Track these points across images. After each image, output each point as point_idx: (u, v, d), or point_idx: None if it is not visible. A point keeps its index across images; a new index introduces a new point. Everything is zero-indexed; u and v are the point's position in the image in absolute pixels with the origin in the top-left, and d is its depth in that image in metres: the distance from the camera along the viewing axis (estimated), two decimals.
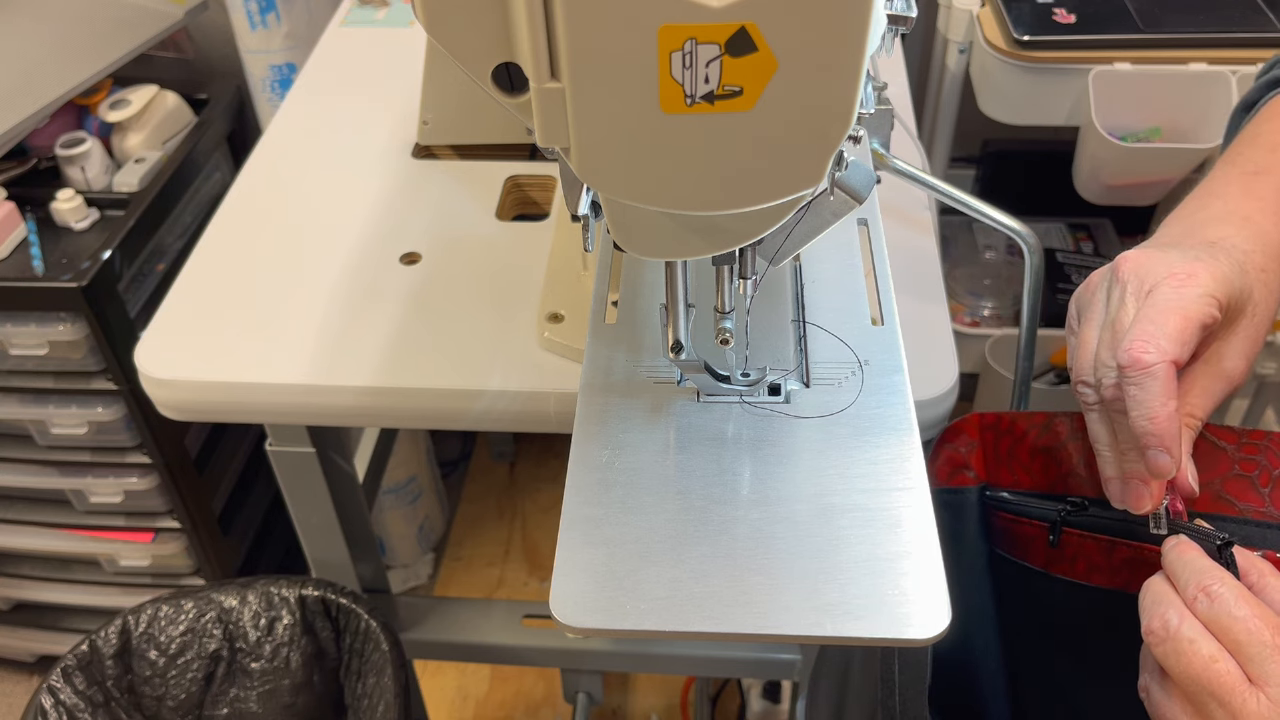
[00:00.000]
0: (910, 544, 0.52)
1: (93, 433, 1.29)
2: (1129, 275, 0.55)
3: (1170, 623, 0.48)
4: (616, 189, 0.45)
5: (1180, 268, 0.53)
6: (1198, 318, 0.52)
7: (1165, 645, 0.48)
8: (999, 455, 0.66)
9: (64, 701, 0.98)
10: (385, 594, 1.14)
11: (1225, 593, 0.48)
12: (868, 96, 0.49)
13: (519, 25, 0.41)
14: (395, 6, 1.23)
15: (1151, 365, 0.51)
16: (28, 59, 1.31)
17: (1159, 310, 0.52)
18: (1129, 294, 0.54)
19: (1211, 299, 0.52)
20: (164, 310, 0.85)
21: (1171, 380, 0.51)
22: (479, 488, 1.91)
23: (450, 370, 0.78)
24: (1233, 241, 0.56)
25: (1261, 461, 0.58)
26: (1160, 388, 0.50)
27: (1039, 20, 1.18)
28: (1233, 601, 0.47)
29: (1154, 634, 0.49)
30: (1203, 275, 0.53)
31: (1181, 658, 0.47)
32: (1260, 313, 0.55)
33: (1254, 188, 0.59)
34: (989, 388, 1.43)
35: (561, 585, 0.51)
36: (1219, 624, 0.47)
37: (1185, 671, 0.47)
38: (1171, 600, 0.49)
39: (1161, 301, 0.52)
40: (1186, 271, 0.53)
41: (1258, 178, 0.60)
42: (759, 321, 0.66)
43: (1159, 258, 0.54)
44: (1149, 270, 0.54)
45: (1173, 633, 0.48)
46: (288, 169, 0.99)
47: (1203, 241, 0.56)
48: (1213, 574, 0.49)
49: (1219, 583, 0.48)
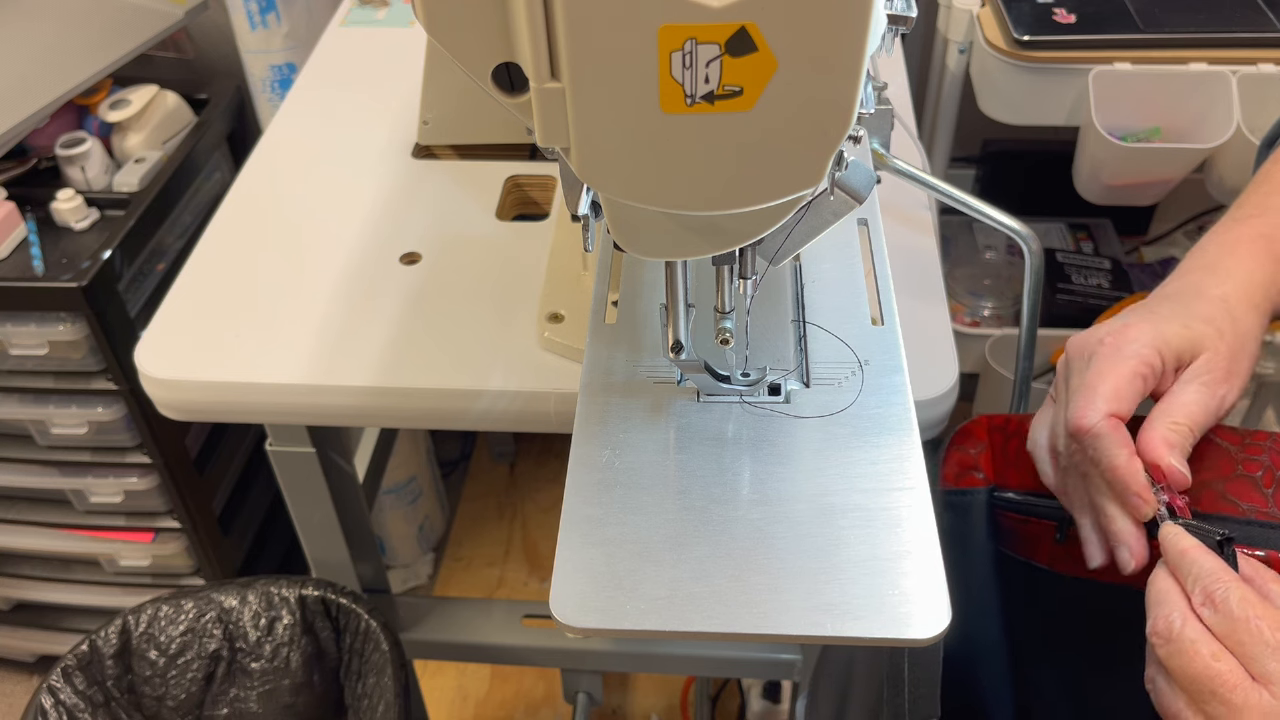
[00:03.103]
0: (910, 544, 0.52)
1: (93, 433, 1.29)
2: (1074, 352, 0.60)
3: (1174, 624, 0.49)
4: (616, 189, 0.45)
5: (1112, 331, 0.58)
6: (1129, 370, 0.56)
7: (1169, 646, 0.49)
8: (1007, 456, 0.66)
9: (64, 701, 0.98)
10: (385, 594, 1.14)
11: (1229, 596, 0.48)
12: (868, 96, 0.49)
13: (519, 25, 0.41)
14: (395, 6, 1.23)
15: (1091, 426, 0.55)
16: (27, 59, 1.31)
17: (1092, 376, 0.57)
18: (1073, 370, 0.60)
19: (1146, 348, 0.57)
20: (164, 310, 0.85)
21: (1117, 432, 0.55)
22: (479, 488, 1.91)
23: (450, 370, 0.78)
24: (1194, 284, 0.61)
25: (1264, 462, 0.58)
26: (1108, 443, 0.55)
27: (1039, 20, 1.18)
28: (1235, 604, 0.48)
29: (1158, 635, 0.50)
30: (1134, 330, 0.58)
31: (1183, 658, 0.48)
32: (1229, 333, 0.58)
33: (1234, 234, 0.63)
34: (989, 388, 1.43)
35: (561, 585, 0.51)
36: (1222, 628, 0.48)
37: (1187, 671, 0.48)
38: (1175, 601, 0.50)
39: (1095, 367, 0.57)
40: (1117, 333, 0.58)
41: (1242, 224, 0.64)
42: (759, 321, 0.66)
43: (1097, 328, 0.60)
44: (1085, 342, 0.60)
45: (1175, 634, 0.49)
46: (288, 169, 0.99)
47: (1159, 297, 0.61)
48: (1217, 577, 0.49)
49: (1223, 585, 0.49)
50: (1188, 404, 0.56)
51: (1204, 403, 0.56)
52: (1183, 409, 0.56)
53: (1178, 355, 0.57)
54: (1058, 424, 0.60)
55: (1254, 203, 0.64)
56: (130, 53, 1.36)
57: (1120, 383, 0.56)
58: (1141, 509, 0.54)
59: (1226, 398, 0.57)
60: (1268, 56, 1.13)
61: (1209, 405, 0.57)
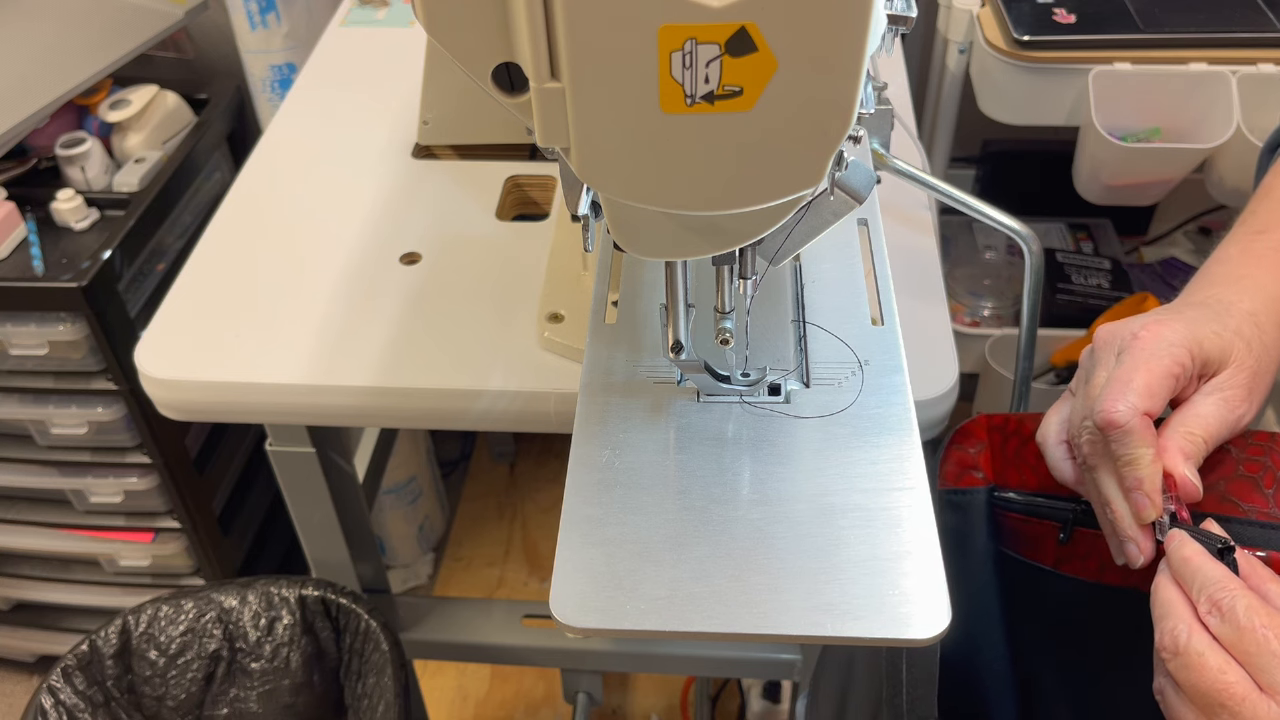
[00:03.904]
0: (910, 544, 0.52)
1: (93, 433, 1.29)
2: (1101, 343, 0.59)
3: (1180, 637, 0.49)
4: (616, 189, 0.45)
5: (1146, 325, 0.57)
6: (1162, 369, 0.55)
7: (1177, 660, 0.49)
8: (1006, 456, 0.66)
9: (64, 701, 0.98)
10: (385, 594, 1.14)
11: (1236, 605, 0.48)
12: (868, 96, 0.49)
13: (519, 25, 0.41)
14: (395, 6, 1.23)
15: (1123, 422, 0.54)
16: (27, 59, 1.31)
17: (1125, 369, 0.55)
18: (1100, 361, 0.58)
19: (1178, 347, 0.55)
20: (164, 310, 0.85)
21: (1146, 430, 0.54)
22: (479, 488, 1.91)
23: (450, 370, 0.78)
24: (1219, 297, 0.59)
25: (1266, 463, 0.58)
26: (1136, 439, 0.54)
27: (1039, 20, 1.18)
28: (1242, 613, 0.48)
29: (1165, 648, 0.50)
30: (1168, 328, 0.56)
31: (1191, 671, 0.48)
32: (1257, 347, 0.57)
33: (1254, 248, 0.62)
34: (989, 388, 1.43)
35: (561, 585, 0.51)
36: (1229, 637, 0.48)
37: (1196, 685, 0.48)
38: (1180, 613, 0.50)
39: (1129, 361, 0.56)
40: (1152, 329, 0.56)
41: (1260, 237, 0.63)
42: (759, 321, 0.66)
43: (1128, 321, 0.58)
44: (1116, 333, 0.58)
45: (1183, 647, 0.49)
46: (288, 169, 0.99)
47: (1188, 304, 0.60)
48: (1222, 585, 0.49)
49: (1229, 594, 0.49)
50: (1206, 417, 0.56)
51: (1223, 417, 0.56)
52: (1201, 421, 0.56)
53: (1206, 360, 0.56)
54: (1075, 415, 0.58)
55: (1266, 214, 0.64)
56: (130, 53, 1.36)
57: (1153, 379, 0.54)
58: (1146, 510, 0.54)
59: (1244, 418, 0.57)
60: (1268, 56, 1.13)
61: (1227, 420, 0.56)
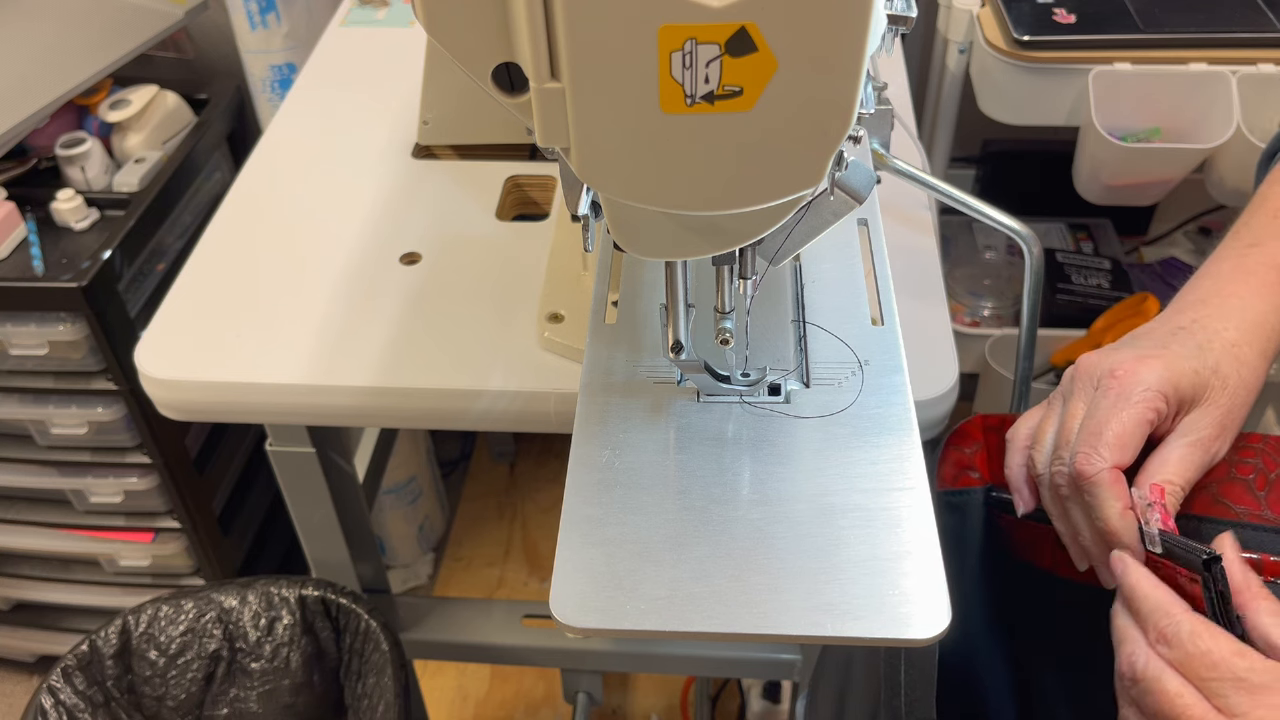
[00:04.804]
0: (910, 544, 0.52)
1: (93, 433, 1.29)
2: (1082, 372, 0.59)
3: (1137, 663, 0.50)
4: (616, 189, 0.45)
5: (1124, 364, 0.57)
6: (1134, 417, 0.55)
7: (1137, 686, 0.49)
8: (1003, 457, 0.66)
9: (64, 701, 0.98)
10: (385, 594, 1.14)
11: (1182, 631, 0.49)
12: (868, 96, 0.49)
13: (519, 25, 0.41)
14: (395, 6, 1.23)
15: (1093, 475, 0.55)
16: (27, 59, 1.31)
17: (1098, 419, 0.56)
18: (1077, 392, 0.59)
19: (1153, 392, 0.56)
20: (164, 310, 0.85)
21: (1117, 484, 0.55)
22: (479, 488, 1.91)
23: (450, 370, 0.78)
24: (1204, 322, 0.59)
25: (1257, 465, 0.58)
26: (1106, 493, 0.55)
27: (1039, 20, 1.18)
28: (1188, 639, 0.48)
29: (1124, 675, 0.50)
30: (1146, 368, 0.56)
31: (1150, 697, 0.48)
32: (1233, 385, 0.57)
33: (1246, 263, 0.62)
34: (989, 388, 1.43)
35: (561, 585, 0.51)
36: (1181, 663, 0.48)
37: (1156, 709, 0.48)
38: (1135, 638, 0.51)
39: (1104, 405, 0.56)
40: (1129, 369, 0.56)
41: (1253, 250, 0.62)
42: (759, 321, 0.66)
43: (1108, 355, 0.59)
44: (1097, 365, 0.58)
45: (1140, 673, 0.49)
46: (288, 169, 0.99)
47: (1173, 327, 0.60)
48: (1166, 612, 0.50)
49: (1172, 621, 0.49)
50: (1180, 461, 0.56)
51: (1197, 460, 0.57)
52: (1175, 468, 0.56)
53: (1182, 400, 0.57)
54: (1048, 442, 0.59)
55: (1260, 226, 0.64)
56: (130, 53, 1.36)
57: (1125, 430, 0.55)
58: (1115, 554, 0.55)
59: (1219, 454, 0.58)
60: (1268, 56, 1.13)
61: (1201, 463, 0.57)
